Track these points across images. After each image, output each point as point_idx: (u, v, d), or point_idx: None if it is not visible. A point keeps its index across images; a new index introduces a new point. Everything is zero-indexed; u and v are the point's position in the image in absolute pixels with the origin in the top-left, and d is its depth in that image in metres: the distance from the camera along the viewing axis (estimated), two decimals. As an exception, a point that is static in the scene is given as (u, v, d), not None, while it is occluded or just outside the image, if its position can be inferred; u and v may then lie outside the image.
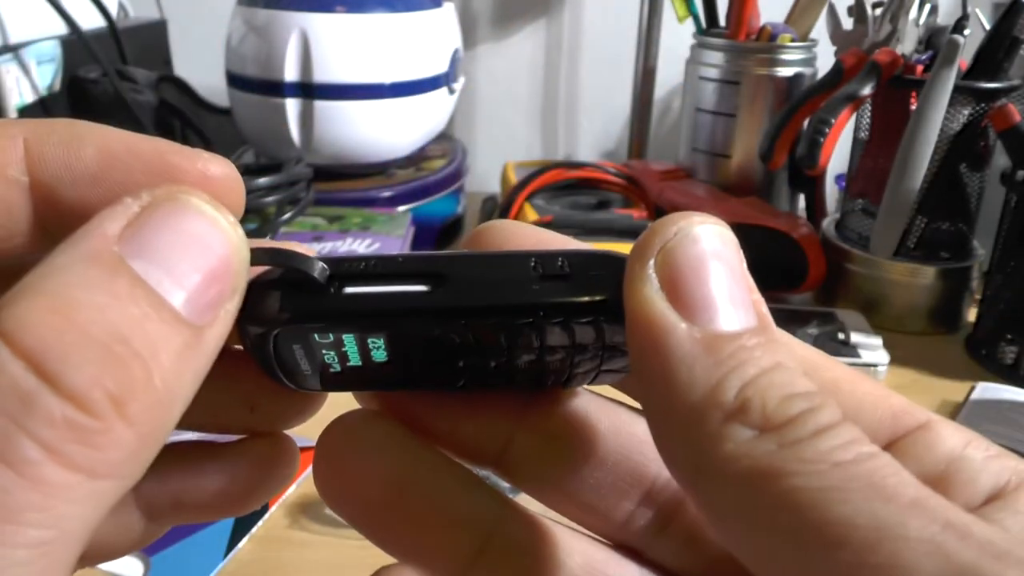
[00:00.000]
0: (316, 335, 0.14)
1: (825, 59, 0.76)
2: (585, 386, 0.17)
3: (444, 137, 0.89)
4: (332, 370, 0.16)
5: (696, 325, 0.13)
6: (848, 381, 0.15)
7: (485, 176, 1.07)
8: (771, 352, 0.13)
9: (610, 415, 0.17)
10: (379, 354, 0.15)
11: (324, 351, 0.15)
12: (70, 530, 0.10)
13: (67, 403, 0.10)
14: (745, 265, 0.14)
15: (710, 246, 0.14)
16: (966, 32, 0.62)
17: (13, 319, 0.10)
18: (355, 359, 0.15)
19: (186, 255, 0.12)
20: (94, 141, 0.14)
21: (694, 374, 0.12)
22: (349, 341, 0.15)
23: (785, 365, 0.13)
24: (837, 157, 0.69)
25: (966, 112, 0.64)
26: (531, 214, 0.74)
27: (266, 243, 0.15)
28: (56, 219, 0.14)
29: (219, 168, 0.15)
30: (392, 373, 0.16)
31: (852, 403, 0.15)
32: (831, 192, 0.87)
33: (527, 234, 0.16)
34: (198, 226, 0.13)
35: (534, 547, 0.17)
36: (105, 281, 0.11)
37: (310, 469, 0.50)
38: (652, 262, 0.13)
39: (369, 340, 0.15)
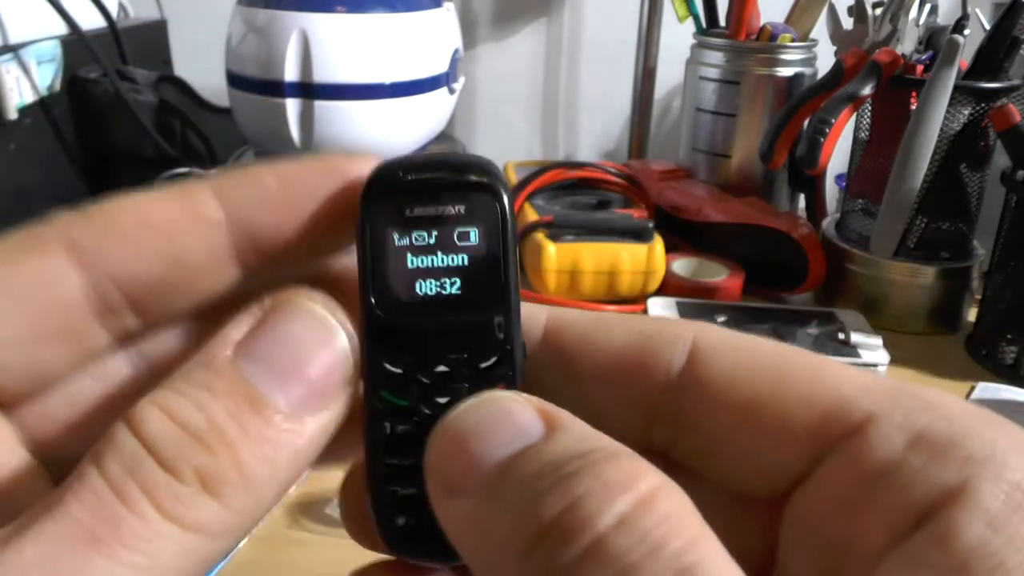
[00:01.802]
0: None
1: (825, 59, 0.76)
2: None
3: (444, 137, 0.89)
4: None
5: None
6: (777, 384, 0.14)
7: (485, 176, 1.07)
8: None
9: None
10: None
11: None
12: (164, 565, 0.13)
13: (161, 469, 0.13)
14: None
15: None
16: (966, 32, 0.62)
17: (137, 411, 0.13)
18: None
19: (290, 355, 0.14)
20: (271, 171, 0.15)
21: None
22: None
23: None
24: (837, 157, 0.69)
25: (966, 112, 0.64)
26: (531, 214, 0.74)
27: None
28: (254, 253, 0.15)
29: (368, 164, 0.16)
30: None
31: (775, 418, 0.14)
32: (831, 192, 0.87)
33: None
34: (304, 327, 0.14)
35: None
36: (210, 382, 0.14)
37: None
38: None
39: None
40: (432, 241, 0.15)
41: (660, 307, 0.67)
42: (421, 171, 0.15)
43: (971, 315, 0.69)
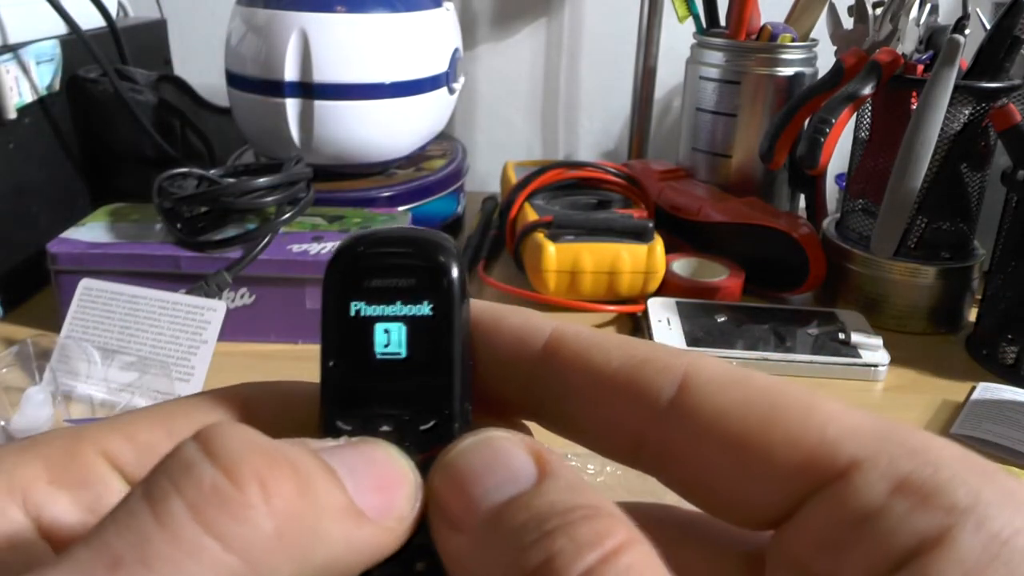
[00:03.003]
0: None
1: (825, 59, 0.76)
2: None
3: (444, 137, 0.89)
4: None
5: None
6: (764, 423, 0.14)
7: (485, 176, 1.07)
8: None
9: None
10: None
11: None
12: None
13: (219, 472, 0.12)
14: None
15: None
16: (966, 32, 0.62)
17: (208, 426, 0.13)
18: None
19: (367, 467, 0.14)
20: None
21: None
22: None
23: None
24: (837, 157, 0.69)
25: (966, 112, 0.64)
26: (531, 214, 0.74)
27: None
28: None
29: None
30: None
31: (761, 457, 0.14)
32: (831, 192, 0.87)
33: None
34: (381, 453, 0.15)
35: None
36: (293, 448, 0.13)
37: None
38: None
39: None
40: (386, 311, 0.16)
41: (660, 307, 0.67)
42: (381, 246, 0.17)
43: (971, 315, 0.69)
